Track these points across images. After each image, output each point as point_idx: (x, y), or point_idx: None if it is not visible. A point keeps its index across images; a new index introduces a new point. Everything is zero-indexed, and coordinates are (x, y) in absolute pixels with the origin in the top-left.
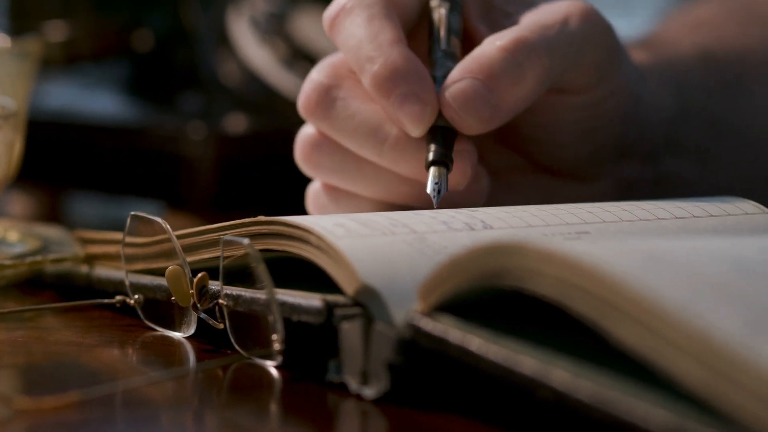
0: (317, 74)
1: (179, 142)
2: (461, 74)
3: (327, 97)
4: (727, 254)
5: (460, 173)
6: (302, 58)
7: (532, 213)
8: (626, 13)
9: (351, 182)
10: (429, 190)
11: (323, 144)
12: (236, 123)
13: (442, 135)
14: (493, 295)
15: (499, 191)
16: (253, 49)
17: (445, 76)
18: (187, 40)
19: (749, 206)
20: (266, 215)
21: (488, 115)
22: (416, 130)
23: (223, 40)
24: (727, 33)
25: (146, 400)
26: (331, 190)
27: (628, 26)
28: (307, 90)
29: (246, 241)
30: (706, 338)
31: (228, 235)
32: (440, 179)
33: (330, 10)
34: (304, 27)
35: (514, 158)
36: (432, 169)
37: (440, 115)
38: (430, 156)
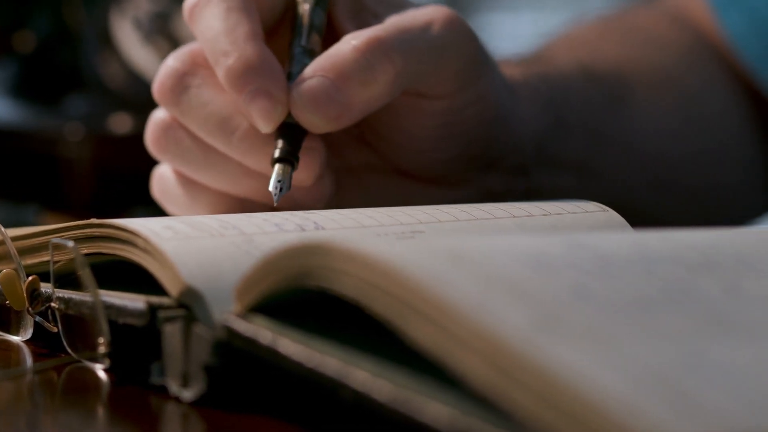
0: (173, 60)
1: (57, 143)
2: (313, 72)
3: (181, 84)
4: (532, 252)
5: (307, 171)
6: None
7: (367, 215)
8: (579, 4)
9: (197, 171)
10: (271, 187)
11: (173, 129)
12: (120, 124)
13: (291, 132)
14: (319, 295)
15: (356, 191)
16: (136, 50)
17: (300, 73)
18: (71, 41)
19: (590, 205)
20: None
21: (335, 114)
22: (266, 127)
23: (106, 41)
24: (607, 50)
25: None
26: (180, 176)
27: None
28: (162, 75)
29: (71, 244)
30: (492, 337)
31: (56, 238)
32: (283, 177)
33: None
34: (188, 27)
35: (374, 158)
36: (276, 167)
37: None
38: (276, 153)
